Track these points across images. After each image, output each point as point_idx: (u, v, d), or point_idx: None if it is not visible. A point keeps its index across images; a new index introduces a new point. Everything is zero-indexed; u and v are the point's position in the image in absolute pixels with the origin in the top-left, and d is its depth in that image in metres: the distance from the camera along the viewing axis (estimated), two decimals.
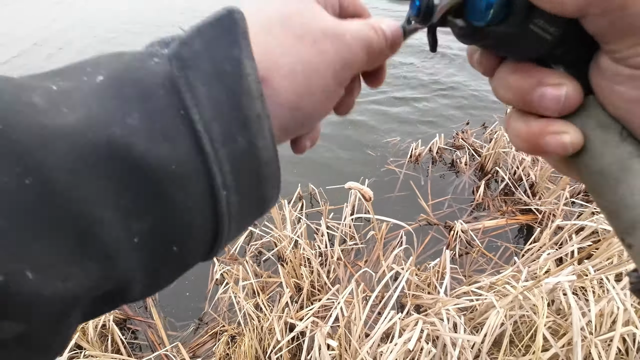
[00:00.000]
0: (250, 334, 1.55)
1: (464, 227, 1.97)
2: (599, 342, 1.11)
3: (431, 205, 2.31)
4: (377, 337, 1.16)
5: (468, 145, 2.72)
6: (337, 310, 1.26)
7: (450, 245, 2.01)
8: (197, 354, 1.70)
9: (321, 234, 1.99)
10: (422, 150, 2.67)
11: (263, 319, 1.58)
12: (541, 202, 2.15)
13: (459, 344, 1.14)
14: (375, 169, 2.65)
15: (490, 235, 2.09)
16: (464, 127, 3.07)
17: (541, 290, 1.12)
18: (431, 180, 2.52)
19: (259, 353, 1.55)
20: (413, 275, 1.49)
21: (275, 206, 1.88)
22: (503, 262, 1.95)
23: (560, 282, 1.13)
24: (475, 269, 1.94)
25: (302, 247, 1.80)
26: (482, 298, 1.27)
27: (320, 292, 1.79)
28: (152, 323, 1.81)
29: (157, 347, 1.70)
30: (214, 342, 1.72)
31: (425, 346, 1.02)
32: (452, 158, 2.69)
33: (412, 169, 2.63)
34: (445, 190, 2.44)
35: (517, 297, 1.12)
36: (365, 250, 2.09)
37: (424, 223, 2.22)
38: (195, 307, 1.91)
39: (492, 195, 2.33)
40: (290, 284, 1.73)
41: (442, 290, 1.43)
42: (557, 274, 1.17)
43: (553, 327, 1.28)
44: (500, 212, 2.20)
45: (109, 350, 1.59)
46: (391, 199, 2.40)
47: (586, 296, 1.25)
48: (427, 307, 1.55)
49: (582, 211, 2.05)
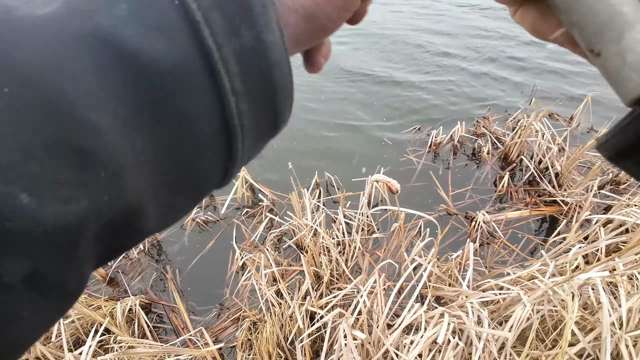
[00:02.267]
0: (272, 321, 1.58)
1: (487, 218, 1.94)
2: (629, 337, 1.09)
3: (451, 196, 2.28)
4: (400, 328, 1.16)
5: (490, 134, 2.65)
6: (360, 301, 1.27)
7: (472, 236, 1.98)
8: (219, 338, 1.74)
9: (339, 222, 1.99)
10: (443, 139, 2.62)
11: (284, 306, 1.61)
12: (567, 193, 2.09)
13: (483, 338, 1.13)
14: (393, 158, 2.62)
15: (513, 226, 2.05)
16: (485, 114, 2.99)
17: (571, 285, 1.10)
18: (452, 170, 2.48)
19: (280, 339, 1.58)
20: (435, 267, 1.48)
21: (295, 194, 1.89)
22: (526, 254, 1.92)
23: (591, 278, 1.11)
24: (496, 260, 1.91)
25: (321, 235, 1.80)
26: (509, 292, 1.26)
27: (339, 280, 1.80)
28: (175, 307, 1.86)
29: (182, 331, 1.75)
30: (236, 327, 1.76)
31: (452, 339, 1.02)
32: (473, 147, 2.63)
33: (432, 159, 2.58)
34: (467, 181, 2.39)
35: (547, 292, 1.11)
36: (383, 239, 2.09)
37: (444, 213, 2.19)
38: (216, 292, 1.95)
39: (516, 186, 2.28)
40: (310, 272, 1.74)
41: (465, 282, 1.41)
42: (590, 269, 1.14)
43: (579, 322, 1.26)
44: (524, 203, 2.15)
45: (136, 334, 1.65)
46: (411, 189, 2.38)
47: (614, 292, 1.22)
48: (448, 300, 1.55)
49: (610, 203, 1.99)
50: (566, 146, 2.30)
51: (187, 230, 2.25)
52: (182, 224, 2.28)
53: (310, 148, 2.80)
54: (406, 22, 4.81)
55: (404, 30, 4.57)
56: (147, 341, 1.52)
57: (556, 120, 2.92)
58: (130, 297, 1.76)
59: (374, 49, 4.22)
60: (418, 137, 2.80)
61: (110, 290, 1.97)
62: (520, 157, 2.34)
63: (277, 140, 2.88)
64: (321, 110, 3.23)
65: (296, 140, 2.87)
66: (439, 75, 3.65)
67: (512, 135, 2.40)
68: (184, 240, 2.21)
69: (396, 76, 3.65)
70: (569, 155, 2.17)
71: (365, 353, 1.30)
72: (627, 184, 2.15)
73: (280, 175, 2.52)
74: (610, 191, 2.06)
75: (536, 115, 2.36)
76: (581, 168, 2.26)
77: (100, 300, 1.74)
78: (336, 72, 3.73)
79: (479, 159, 2.54)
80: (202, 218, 2.28)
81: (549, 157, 2.20)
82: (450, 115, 3.00)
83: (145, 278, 2.02)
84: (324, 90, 3.48)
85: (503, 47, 4.15)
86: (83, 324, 1.63)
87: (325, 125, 3.04)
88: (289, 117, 0.22)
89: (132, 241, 0.18)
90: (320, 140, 2.88)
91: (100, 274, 1.99)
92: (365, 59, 4.02)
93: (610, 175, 2.18)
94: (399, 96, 3.34)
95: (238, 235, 2.20)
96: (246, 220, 2.30)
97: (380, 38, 4.43)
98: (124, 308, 1.67)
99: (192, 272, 2.06)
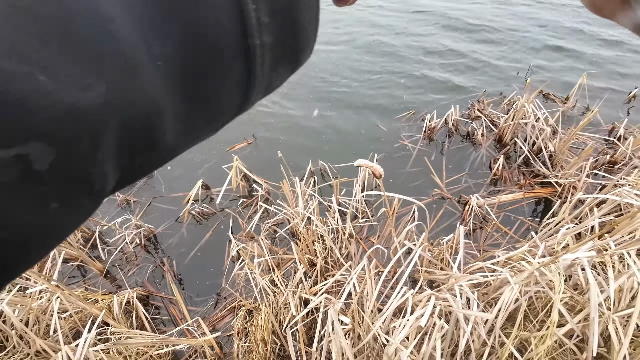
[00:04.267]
0: (267, 309, 1.60)
1: (480, 201, 1.94)
2: (617, 318, 1.09)
3: (446, 181, 2.27)
4: (389, 312, 1.17)
5: (485, 117, 2.62)
6: (349, 286, 1.28)
7: (465, 220, 1.98)
8: (217, 327, 1.77)
9: (333, 210, 2.00)
10: (437, 123, 2.60)
11: (278, 294, 1.63)
12: (561, 174, 2.08)
13: (471, 320, 1.14)
14: (387, 144, 2.61)
15: (506, 209, 2.05)
16: (480, 97, 2.96)
17: (558, 266, 1.10)
18: (447, 154, 2.47)
19: (275, 327, 1.60)
20: (426, 251, 1.48)
21: (286, 182, 1.89)
22: (519, 236, 1.92)
23: (578, 258, 1.11)
24: (490, 243, 1.92)
25: (314, 223, 1.81)
26: (497, 274, 1.26)
27: (334, 267, 1.82)
28: (173, 299, 1.89)
29: (179, 322, 1.78)
30: (232, 316, 1.78)
31: (438, 322, 1.03)
32: (467, 130, 2.61)
33: (427, 144, 2.57)
34: (462, 165, 2.38)
35: (533, 274, 1.11)
36: (377, 226, 2.09)
37: (438, 197, 2.19)
38: (213, 283, 1.97)
39: (511, 168, 2.26)
40: (303, 260, 1.75)
41: (456, 265, 1.42)
42: (576, 249, 1.14)
43: (570, 303, 1.27)
44: (518, 185, 2.14)
45: (135, 326, 1.68)
46: (405, 174, 2.37)
47: (605, 271, 1.22)
48: (441, 283, 1.56)
49: (604, 184, 1.98)
50: (559, 127, 2.27)
51: (184, 223, 2.27)
52: (178, 216, 2.29)
53: (303, 135, 2.78)
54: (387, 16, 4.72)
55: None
56: (144, 332, 1.55)
57: (552, 102, 2.88)
58: (127, 290, 1.78)
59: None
60: (413, 121, 2.78)
61: (108, 284, 2.00)
62: (514, 140, 2.32)
63: (272, 127, 2.86)
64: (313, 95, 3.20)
65: (288, 129, 2.86)
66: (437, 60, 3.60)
67: (506, 117, 2.38)
68: (181, 232, 2.23)
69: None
70: (561, 137, 2.15)
71: (357, 336, 1.31)
72: (622, 164, 2.13)
73: (273, 166, 2.52)
74: (605, 172, 2.05)
75: (529, 97, 2.33)
76: (576, 149, 2.24)
77: (98, 294, 1.76)
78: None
79: (474, 142, 2.52)
80: (198, 210, 2.29)
81: (542, 139, 2.18)
82: (446, 99, 2.97)
83: (142, 271, 2.05)
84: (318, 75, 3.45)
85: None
86: (81, 317, 1.66)
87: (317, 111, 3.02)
88: (313, 43, 0.21)
89: (152, 157, 0.17)
90: (314, 127, 2.86)
91: (97, 268, 2.02)
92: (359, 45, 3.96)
93: (607, 157, 2.17)
94: (392, 80, 3.30)
95: (235, 226, 2.21)
96: (242, 211, 2.31)
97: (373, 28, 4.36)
98: (120, 300, 1.69)
99: (189, 264, 2.08)
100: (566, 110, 2.71)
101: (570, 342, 1.21)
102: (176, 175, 2.58)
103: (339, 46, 3.95)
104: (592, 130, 2.43)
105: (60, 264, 1.88)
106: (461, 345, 1.10)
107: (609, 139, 2.41)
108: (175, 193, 2.45)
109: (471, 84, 3.16)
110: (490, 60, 3.49)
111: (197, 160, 2.69)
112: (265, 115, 3.04)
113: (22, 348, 1.50)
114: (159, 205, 2.39)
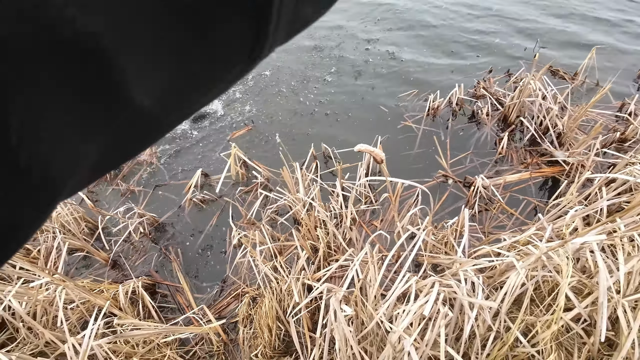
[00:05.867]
0: (270, 296, 1.60)
1: (485, 182, 1.89)
2: (626, 302, 1.07)
3: (451, 161, 2.22)
4: (392, 299, 1.16)
5: (490, 95, 2.54)
6: (352, 273, 1.26)
7: (470, 202, 1.94)
8: (222, 314, 1.78)
9: (336, 195, 1.97)
10: (441, 103, 2.52)
11: (281, 281, 1.62)
12: (569, 153, 2.02)
13: (476, 306, 1.12)
14: (390, 126, 2.55)
15: (512, 190, 2.00)
16: (486, 76, 2.86)
17: (567, 250, 1.07)
18: (451, 134, 2.41)
19: (279, 313, 1.60)
20: (429, 235, 1.46)
21: (286, 169, 1.85)
22: (525, 217, 1.89)
23: (587, 242, 1.07)
24: (495, 225, 1.89)
25: (316, 209, 1.79)
26: (503, 258, 1.23)
27: (337, 252, 1.80)
28: (179, 287, 1.90)
29: (186, 309, 1.79)
30: (237, 303, 1.79)
31: (442, 309, 1.01)
32: (472, 109, 2.54)
33: (430, 124, 2.50)
34: (466, 145, 2.32)
35: (541, 258, 1.08)
36: (381, 210, 2.06)
37: (442, 180, 2.15)
38: (217, 270, 1.98)
39: (517, 147, 2.20)
40: (306, 246, 1.74)
41: (460, 249, 1.39)
42: (584, 233, 1.10)
43: (577, 287, 1.24)
44: (524, 164, 2.09)
45: (141, 315, 1.69)
46: (409, 156, 2.32)
47: (615, 254, 1.19)
48: (445, 267, 1.54)
49: (614, 162, 1.92)
50: (568, 104, 2.19)
51: (187, 210, 2.26)
52: (180, 204, 2.28)
53: (304, 120, 2.73)
54: None
55: None
56: (150, 323, 1.56)
57: (561, 78, 2.78)
58: (132, 280, 1.79)
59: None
60: (415, 102, 2.71)
61: (114, 274, 2.01)
62: (520, 119, 2.25)
63: (272, 111, 2.81)
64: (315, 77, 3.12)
65: (288, 112, 2.80)
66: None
67: (512, 95, 2.30)
68: (184, 220, 2.22)
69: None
70: (571, 114, 2.08)
71: (360, 322, 1.31)
72: (632, 141, 2.06)
73: (274, 152, 2.49)
74: (616, 150, 1.99)
75: (537, 73, 2.24)
76: (585, 127, 2.17)
77: (104, 284, 1.78)
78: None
79: (478, 122, 2.45)
80: (199, 197, 2.27)
81: (550, 117, 2.11)
82: (450, 79, 2.88)
83: (148, 260, 2.05)
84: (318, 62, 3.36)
85: None
86: (88, 307, 1.67)
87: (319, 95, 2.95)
88: None
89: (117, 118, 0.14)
90: (314, 112, 2.80)
91: (103, 258, 2.03)
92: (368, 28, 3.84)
93: (617, 134, 2.09)
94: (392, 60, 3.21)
95: (235, 213, 2.20)
96: (242, 198, 2.29)
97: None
98: (126, 290, 1.70)
99: (193, 251, 2.08)
100: (575, 87, 2.61)
101: (578, 326, 1.19)
102: (177, 164, 2.56)
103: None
104: (601, 107, 2.35)
105: (65, 255, 1.89)
106: (466, 331, 1.09)
107: (620, 115, 2.33)
108: (177, 181, 2.44)
109: (477, 61, 3.06)
110: (496, 39, 3.36)
111: (197, 149, 2.66)
112: (263, 98, 2.98)
113: (31, 340, 1.52)
114: (161, 194, 2.38)
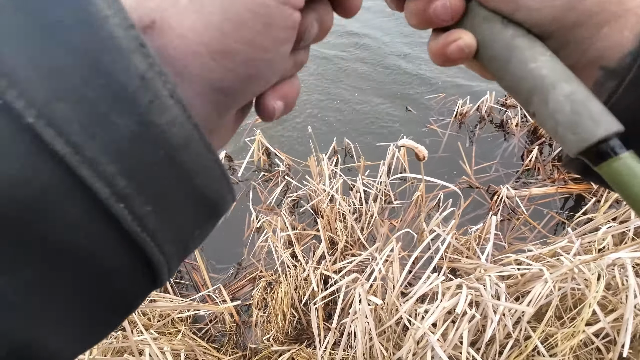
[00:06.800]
0: (287, 282, 1.62)
1: (510, 192, 1.88)
2: None
3: (475, 169, 2.21)
4: (416, 296, 1.17)
5: None
6: (376, 268, 1.27)
7: (493, 211, 1.93)
8: (236, 296, 1.81)
9: (356, 190, 1.97)
10: (470, 109, 2.50)
11: (299, 269, 1.64)
12: None
13: (499, 311, 1.12)
14: (416, 128, 2.53)
15: (536, 202, 1.98)
16: None
17: (598, 264, 1.07)
18: (477, 142, 2.39)
19: (294, 300, 1.62)
20: (454, 239, 1.46)
21: (313, 158, 1.86)
22: (547, 231, 1.87)
23: (620, 258, 1.07)
24: (516, 236, 1.88)
25: (338, 202, 1.79)
26: (529, 267, 1.23)
27: (353, 247, 1.81)
28: (195, 264, 1.93)
29: (201, 287, 1.82)
30: (252, 286, 1.81)
31: (469, 311, 1.02)
32: (501, 118, 2.51)
33: (457, 129, 2.49)
34: (492, 154, 2.31)
35: (572, 270, 1.07)
36: (400, 209, 2.06)
37: (465, 186, 2.13)
38: (234, 252, 2.00)
39: (544, 161, 2.18)
40: (326, 238, 1.75)
41: (484, 256, 1.39)
42: (619, 249, 1.09)
43: (601, 303, 1.24)
44: (551, 179, 2.07)
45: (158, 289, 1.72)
46: (432, 160, 2.31)
47: None
48: (464, 272, 1.54)
49: None
50: None
51: None
52: None
53: (329, 115, 2.73)
54: None
55: None
56: (168, 295, 1.59)
57: None
58: None
59: None
60: (443, 104, 2.69)
61: None
62: None
63: (298, 103, 2.81)
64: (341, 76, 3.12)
65: (316, 107, 2.81)
66: None
67: None
68: None
69: None
70: None
71: (378, 318, 1.32)
72: None
73: (298, 141, 2.49)
74: None
75: None
76: None
77: None
78: None
79: (507, 132, 2.43)
80: None
81: None
82: (480, 86, 2.85)
83: None
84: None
85: None
86: None
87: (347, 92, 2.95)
88: (229, 199, 0.19)
89: None
90: (341, 107, 2.80)
91: None
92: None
93: None
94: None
95: (255, 197, 2.22)
96: (263, 184, 2.31)
97: None
98: None
99: (211, 232, 2.11)
100: None
101: (598, 340, 1.19)
102: None
103: None
104: None
105: None
106: (487, 334, 1.09)
107: None
108: None
109: None
110: None
111: None
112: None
113: None
114: None
